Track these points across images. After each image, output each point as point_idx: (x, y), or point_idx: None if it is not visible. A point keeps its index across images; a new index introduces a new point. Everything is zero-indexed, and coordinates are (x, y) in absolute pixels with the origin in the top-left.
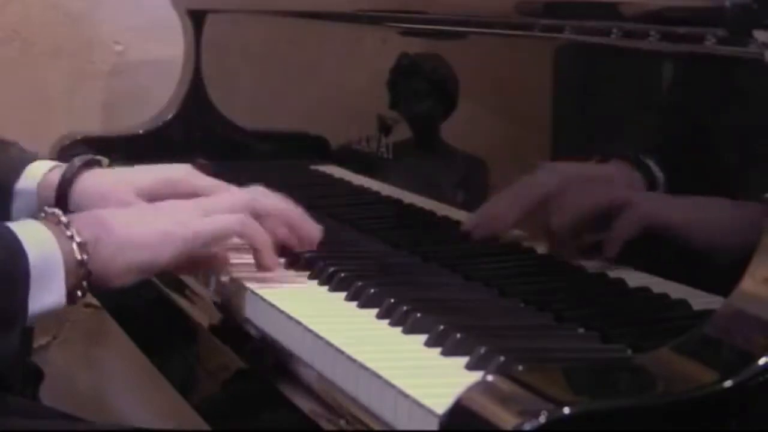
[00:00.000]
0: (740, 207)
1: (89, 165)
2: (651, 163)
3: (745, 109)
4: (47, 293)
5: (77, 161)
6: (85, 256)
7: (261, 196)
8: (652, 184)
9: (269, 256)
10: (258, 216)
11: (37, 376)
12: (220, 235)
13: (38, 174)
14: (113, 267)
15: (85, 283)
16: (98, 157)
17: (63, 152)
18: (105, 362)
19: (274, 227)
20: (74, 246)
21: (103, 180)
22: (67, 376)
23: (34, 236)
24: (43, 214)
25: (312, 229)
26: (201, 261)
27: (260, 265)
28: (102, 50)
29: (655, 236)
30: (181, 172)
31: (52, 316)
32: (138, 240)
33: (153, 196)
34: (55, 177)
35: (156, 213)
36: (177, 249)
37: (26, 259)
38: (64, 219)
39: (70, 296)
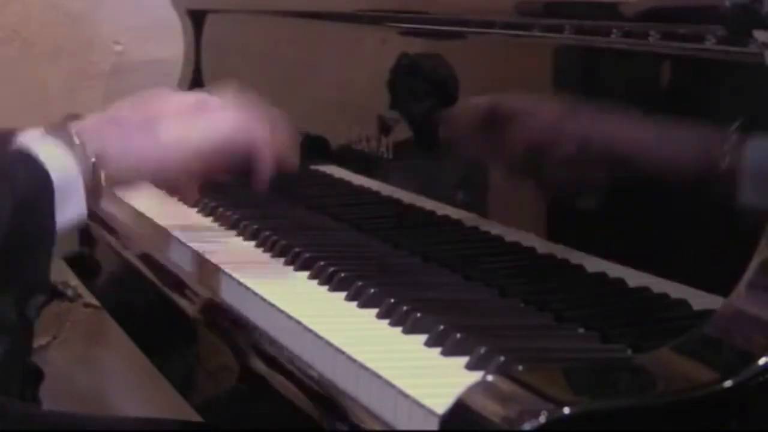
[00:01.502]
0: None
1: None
2: (649, 164)
3: (745, 109)
4: (70, 208)
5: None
6: (98, 167)
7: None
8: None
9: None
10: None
11: (37, 376)
12: (222, 139)
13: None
14: (119, 174)
15: (98, 188)
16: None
17: None
18: (105, 362)
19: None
20: (89, 159)
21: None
22: (67, 376)
23: (54, 157)
24: (51, 127)
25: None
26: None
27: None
28: (102, 50)
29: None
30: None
31: (74, 230)
32: (139, 149)
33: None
34: None
35: (163, 115)
36: (175, 161)
37: (50, 182)
38: (71, 129)
39: (93, 194)
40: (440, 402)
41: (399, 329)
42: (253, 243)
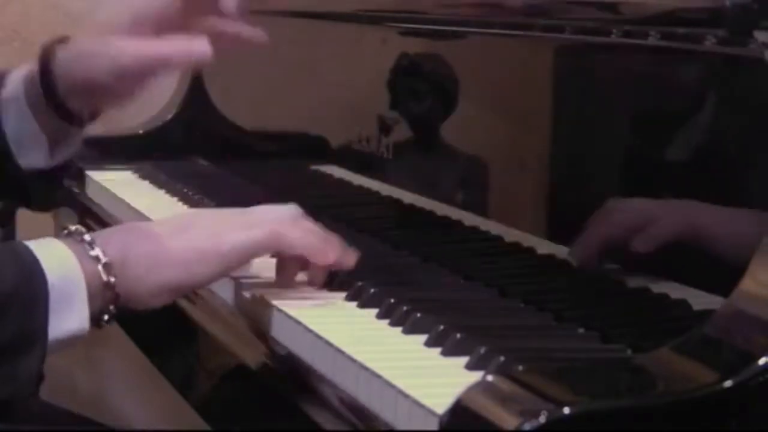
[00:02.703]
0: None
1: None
2: (650, 164)
3: (745, 109)
4: (69, 317)
5: (47, 43)
6: (111, 279)
7: (301, 215)
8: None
9: (323, 251)
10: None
11: (34, 391)
12: (256, 249)
13: (19, 76)
14: (143, 288)
15: (112, 307)
16: (87, 135)
17: None
18: (105, 362)
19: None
20: (99, 267)
21: (83, 44)
22: (67, 376)
23: (53, 256)
24: (65, 232)
25: (349, 258)
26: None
27: (322, 262)
28: None
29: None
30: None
31: (77, 343)
32: (170, 257)
33: (137, 32)
34: (35, 68)
35: (190, 227)
36: (213, 269)
37: (45, 281)
38: (87, 237)
39: (96, 320)
40: (440, 402)
41: (399, 329)
42: None
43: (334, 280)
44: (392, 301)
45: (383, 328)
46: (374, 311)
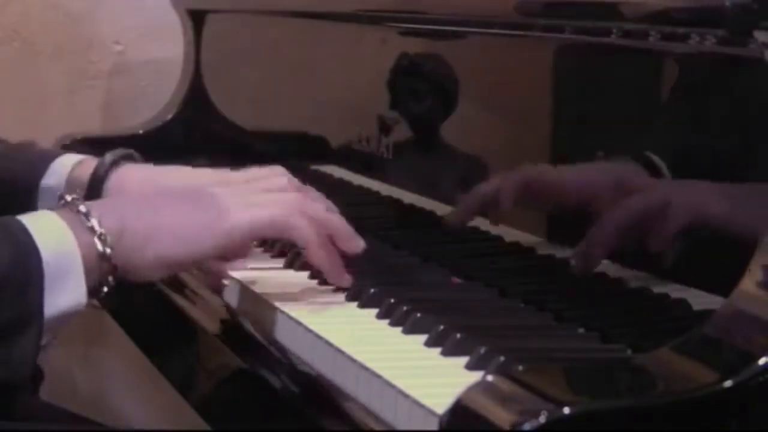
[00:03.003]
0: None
1: (122, 160)
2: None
3: (745, 109)
4: (65, 292)
5: (109, 156)
6: (108, 250)
7: (311, 197)
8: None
9: (316, 252)
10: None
11: (37, 376)
12: (264, 229)
13: (65, 169)
14: (141, 260)
15: (110, 278)
16: (130, 151)
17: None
18: (105, 362)
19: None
20: (95, 239)
21: (134, 177)
22: (67, 376)
23: (47, 230)
24: (62, 202)
25: (354, 245)
26: (231, 255)
27: (313, 262)
28: (102, 50)
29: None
30: (209, 181)
31: (74, 317)
32: (171, 230)
33: None
34: (85, 171)
35: (191, 199)
36: (214, 242)
37: (38, 256)
38: (83, 208)
39: (94, 293)
40: (440, 402)
41: (399, 329)
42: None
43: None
44: (392, 301)
45: (383, 328)
46: (374, 311)
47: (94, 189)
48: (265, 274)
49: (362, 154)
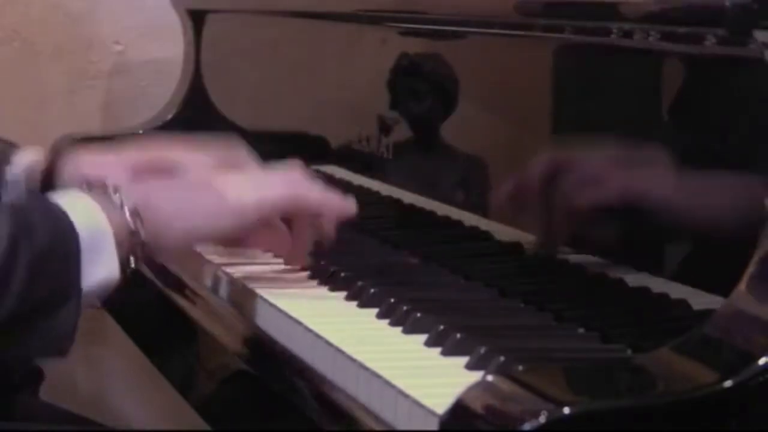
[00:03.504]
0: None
1: (77, 143)
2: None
3: (745, 109)
4: (100, 266)
5: (63, 139)
6: (138, 224)
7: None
8: None
9: (340, 203)
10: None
11: (37, 376)
12: (281, 204)
13: (24, 162)
14: (169, 234)
15: (138, 251)
16: (88, 135)
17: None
18: (105, 362)
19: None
20: (126, 215)
21: (93, 159)
22: (67, 376)
23: (81, 209)
24: (86, 184)
25: (348, 208)
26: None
27: (338, 215)
28: (102, 50)
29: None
30: (193, 161)
31: (109, 290)
32: (194, 207)
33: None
34: (39, 167)
35: (211, 182)
36: (235, 220)
37: (76, 235)
38: (112, 188)
39: (123, 266)
40: (440, 402)
41: (399, 329)
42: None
43: (334, 280)
44: (392, 301)
45: (383, 328)
46: (374, 311)
47: (48, 174)
48: (265, 273)
49: (362, 154)
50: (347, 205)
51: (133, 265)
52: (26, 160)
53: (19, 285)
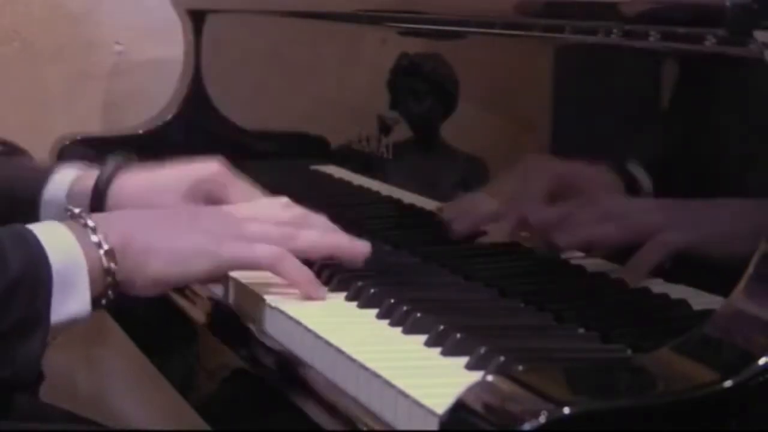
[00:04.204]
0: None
1: (120, 169)
2: (650, 164)
3: (745, 109)
4: (71, 300)
5: (111, 162)
6: (112, 265)
7: (299, 225)
8: (649, 186)
9: (312, 289)
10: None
11: (37, 376)
12: (252, 266)
13: (67, 179)
14: (140, 277)
15: (110, 292)
16: (129, 155)
17: (63, 152)
18: (105, 362)
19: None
20: (101, 253)
21: (139, 184)
22: (67, 376)
23: (57, 240)
24: (69, 213)
25: (359, 251)
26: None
27: (307, 297)
28: (102, 50)
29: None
30: (212, 172)
31: (77, 325)
32: (169, 252)
33: (190, 200)
34: (88, 182)
35: (190, 222)
36: (208, 267)
37: (48, 265)
38: (90, 223)
39: (94, 303)
40: (440, 402)
41: (399, 329)
42: None
43: (334, 281)
44: (392, 301)
45: (383, 328)
46: (374, 311)
47: (96, 199)
48: (264, 273)
49: (362, 154)
50: (358, 251)
51: (104, 304)
52: (67, 180)
53: None
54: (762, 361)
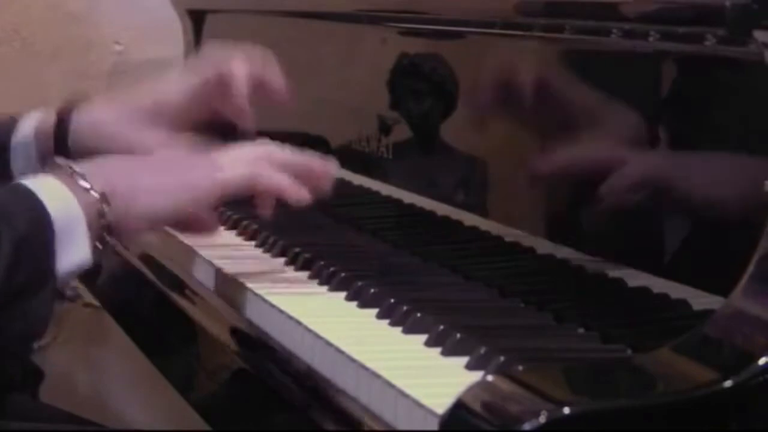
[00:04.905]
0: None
1: (80, 101)
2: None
3: (745, 109)
4: (73, 250)
5: (71, 97)
6: (105, 207)
7: (274, 149)
8: None
9: (296, 191)
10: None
11: (37, 376)
12: (235, 187)
13: (32, 123)
14: (132, 215)
15: (105, 234)
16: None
17: None
18: (105, 362)
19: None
20: (93, 198)
21: (101, 114)
22: (67, 376)
23: (52, 193)
24: (56, 161)
25: (329, 168)
26: (201, 220)
27: (293, 201)
28: (102, 50)
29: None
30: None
31: (80, 273)
32: (155, 188)
33: (154, 120)
34: (51, 120)
35: (168, 162)
36: (194, 195)
37: (49, 219)
38: (78, 170)
39: (93, 249)
40: (440, 402)
41: (399, 329)
42: (252, 243)
43: (334, 280)
44: (392, 301)
45: (383, 328)
46: (374, 311)
47: (60, 134)
48: (264, 274)
49: (362, 154)
50: (328, 168)
51: (100, 248)
52: (33, 122)
53: (2, 272)
54: (762, 361)
